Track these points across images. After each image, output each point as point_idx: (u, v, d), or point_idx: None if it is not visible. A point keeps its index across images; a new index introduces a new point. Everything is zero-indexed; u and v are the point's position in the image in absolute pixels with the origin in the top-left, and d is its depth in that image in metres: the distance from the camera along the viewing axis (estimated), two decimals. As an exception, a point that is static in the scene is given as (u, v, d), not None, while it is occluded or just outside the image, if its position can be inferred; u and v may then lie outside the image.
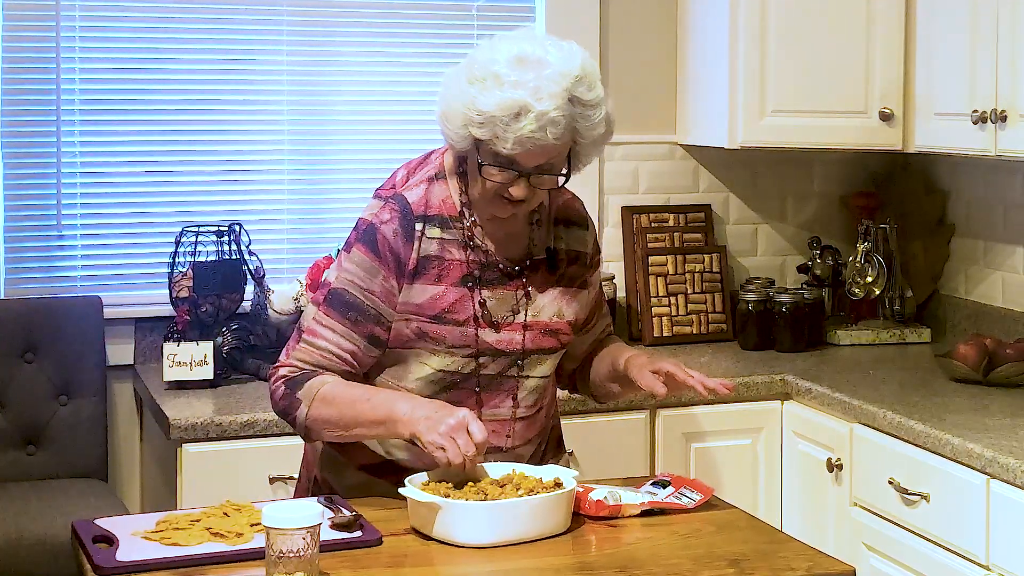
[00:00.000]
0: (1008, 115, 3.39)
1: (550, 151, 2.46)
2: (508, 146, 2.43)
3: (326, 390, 2.51)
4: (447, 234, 2.56)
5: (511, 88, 2.41)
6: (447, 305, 2.55)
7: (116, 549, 2.26)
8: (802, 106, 3.95)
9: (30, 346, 3.71)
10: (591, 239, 2.72)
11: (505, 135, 2.42)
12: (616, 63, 4.20)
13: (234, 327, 3.70)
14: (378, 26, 4.04)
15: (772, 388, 3.67)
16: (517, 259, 2.61)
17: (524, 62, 2.43)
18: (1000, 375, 3.47)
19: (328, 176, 4.04)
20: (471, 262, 2.57)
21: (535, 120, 2.40)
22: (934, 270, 4.24)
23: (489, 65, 2.44)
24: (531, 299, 2.61)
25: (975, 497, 2.93)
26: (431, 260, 2.55)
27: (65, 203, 3.81)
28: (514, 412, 2.61)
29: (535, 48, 2.45)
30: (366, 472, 2.63)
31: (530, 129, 2.40)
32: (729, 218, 4.36)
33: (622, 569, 2.25)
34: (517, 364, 2.60)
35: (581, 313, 2.69)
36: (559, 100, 2.41)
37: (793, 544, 2.40)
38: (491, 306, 2.58)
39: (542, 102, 2.40)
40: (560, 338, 2.64)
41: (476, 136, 2.45)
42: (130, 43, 3.85)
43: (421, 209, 2.56)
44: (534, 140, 2.42)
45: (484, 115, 2.42)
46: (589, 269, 2.71)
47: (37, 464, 3.68)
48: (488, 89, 2.42)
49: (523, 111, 2.40)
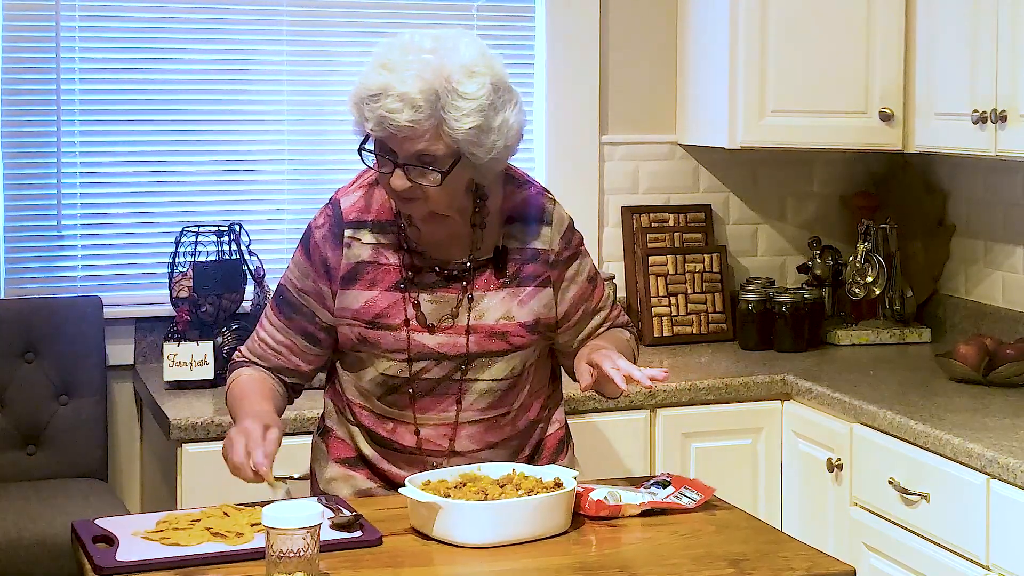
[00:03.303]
0: (1008, 115, 3.39)
1: (416, 135, 2.42)
2: (370, 125, 2.44)
3: (235, 383, 2.64)
4: (384, 238, 2.57)
5: (382, 69, 2.43)
6: (380, 310, 2.56)
7: (116, 549, 2.26)
8: (802, 106, 3.95)
9: (30, 346, 3.71)
10: (556, 235, 2.65)
11: (369, 114, 2.43)
12: (616, 63, 4.20)
13: (234, 327, 3.69)
14: (378, 26, 4.03)
15: (772, 388, 3.67)
16: (457, 261, 2.59)
17: (407, 47, 2.45)
18: (1000, 375, 3.47)
19: (328, 176, 4.03)
20: (405, 266, 2.57)
21: (396, 100, 2.40)
22: (934, 270, 4.24)
23: (378, 50, 2.47)
24: (474, 301, 2.59)
25: (975, 497, 2.93)
26: (365, 265, 2.57)
27: (65, 203, 3.81)
28: (457, 416, 2.59)
29: (429, 39, 2.46)
30: (340, 465, 2.68)
31: (388, 107, 2.40)
32: (729, 218, 4.36)
33: (622, 569, 2.25)
34: (461, 368, 2.59)
35: (546, 312, 2.64)
36: (424, 84, 2.40)
37: (793, 544, 2.40)
38: (428, 310, 2.57)
39: (404, 84, 2.40)
40: (510, 340, 2.60)
41: (352, 116, 2.48)
42: (130, 43, 3.84)
43: (354, 214, 2.58)
44: (391, 119, 2.40)
45: (355, 95, 2.45)
46: (553, 267, 2.65)
47: (37, 464, 3.68)
48: (368, 69, 2.45)
49: (386, 90, 2.41)
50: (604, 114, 4.21)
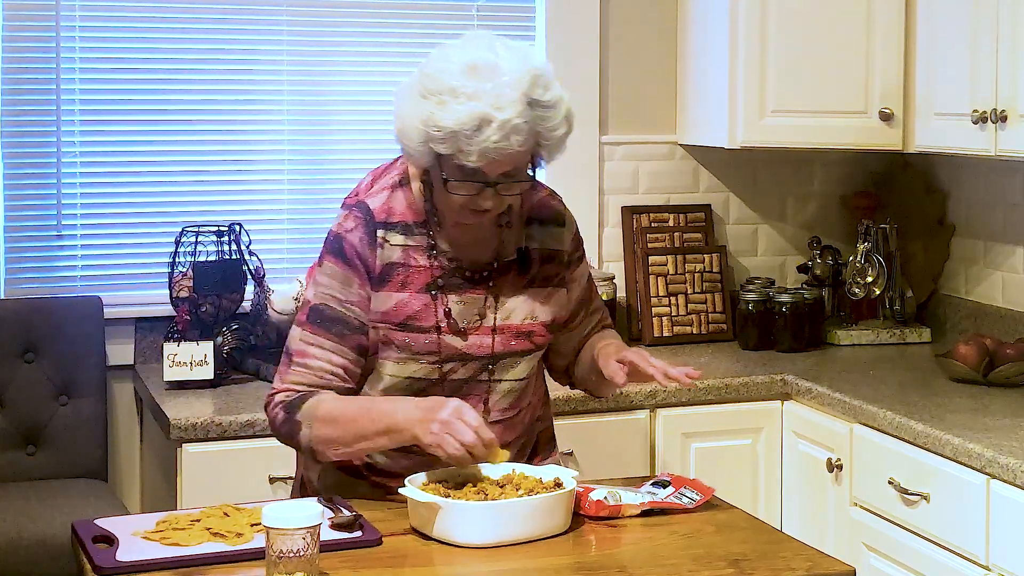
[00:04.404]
0: (1008, 115, 3.39)
1: (515, 159, 2.43)
2: (473, 159, 2.39)
3: (325, 409, 2.49)
4: (411, 241, 2.55)
5: (468, 100, 2.37)
6: (411, 312, 2.54)
7: (116, 549, 2.26)
8: (802, 106, 3.95)
9: (30, 346, 3.71)
10: (568, 236, 2.68)
11: (469, 148, 2.38)
12: (616, 63, 4.20)
13: (234, 327, 3.70)
14: (378, 26, 4.04)
15: (772, 388, 3.67)
16: (484, 263, 2.59)
17: (477, 70, 2.39)
18: (1000, 375, 3.47)
19: (328, 176, 4.04)
20: (435, 268, 2.55)
21: (498, 130, 2.36)
22: (934, 270, 4.24)
23: (442, 78, 2.40)
24: (500, 302, 2.59)
25: (975, 497, 2.93)
26: (395, 267, 2.54)
27: (65, 203, 3.81)
28: (485, 417, 2.57)
29: (485, 54, 2.41)
30: (344, 472, 2.63)
31: (494, 140, 2.37)
32: (729, 218, 4.36)
33: (622, 569, 2.25)
34: (488, 368, 2.58)
35: (560, 312, 2.66)
36: (519, 106, 2.38)
37: (793, 544, 2.40)
38: (456, 312, 2.56)
39: (503, 111, 2.37)
40: (534, 340, 2.61)
41: (438, 151, 2.42)
42: (130, 43, 3.85)
43: (383, 216, 2.55)
44: (499, 150, 2.38)
45: (444, 130, 2.38)
46: (567, 267, 2.67)
47: (37, 464, 3.68)
48: (445, 104, 2.38)
49: (484, 122, 2.36)
50: (604, 114, 4.21)
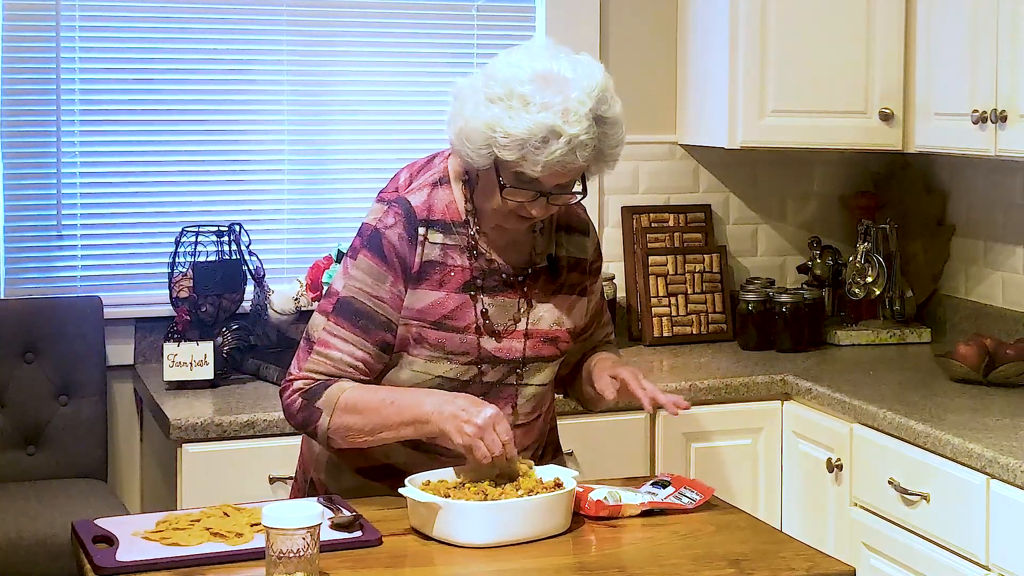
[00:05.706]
0: (1008, 115, 3.39)
1: (575, 172, 2.45)
2: (537, 170, 2.40)
3: (347, 397, 2.49)
4: (450, 240, 2.54)
5: (539, 111, 2.37)
6: (448, 311, 2.53)
7: (116, 549, 2.26)
8: (802, 106, 3.95)
9: (30, 346, 3.71)
10: (592, 245, 2.70)
11: (535, 159, 2.39)
12: (616, 63, 4.20)
13: (234, 327, 3.70)
14: (378, 26, 4.04)
15: (772, 388, 3.67)
16: (519, 267, 2.59)
17: (548, 81, 2.40)
18: (1000, 375, 3.47)
19: (328, 176, 4.04)
20: (474, 269, 2.55)
21: (566, 144, 2.38)
22: (934, 270, 4.25)
23: (512, 84, 2.40)
24: (532, 307, 2.59)
25: (975, 497, 2.93)
26: (434, 265, 2.53)
27: (65, 203, 3.81)
28: (513, 420, 2.58)
29: (556, 64, 2.42)
30: (363, 476, 2.62)
31: (561, 153, 2.38)
32: (729, 218, 4.36)
33: (622, 569, 2.25)
34: (516, 372, 2.59)
35: (580, 321, 2.67)
36: (587, 122, 2.39)
37: (793, 544, 2.40)
38: (492, 314, 2.56)
39: (572, 126, 2.37)
40: (559, 346, 2.63)
41: (501, 157, 2.42)
42: (130, 43, 3.84)
43: (424, 213, 2.53)
44: (563, 163, 2.40)
45: (512, 138, 2.38)
46: (589, 276, 2.69)
47: (37, 464, 3.68)
48: (515, 111, 2.38)
49: (553, 135, 2.37)
50: (604, 114, 4.21)
